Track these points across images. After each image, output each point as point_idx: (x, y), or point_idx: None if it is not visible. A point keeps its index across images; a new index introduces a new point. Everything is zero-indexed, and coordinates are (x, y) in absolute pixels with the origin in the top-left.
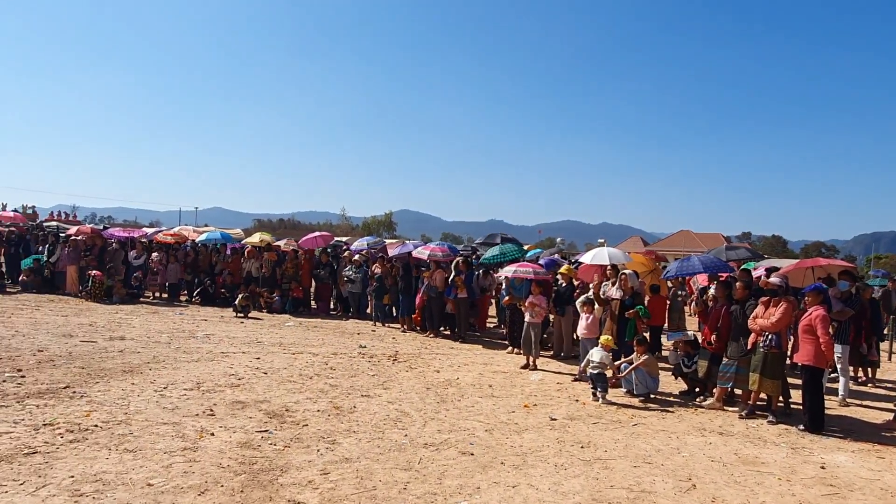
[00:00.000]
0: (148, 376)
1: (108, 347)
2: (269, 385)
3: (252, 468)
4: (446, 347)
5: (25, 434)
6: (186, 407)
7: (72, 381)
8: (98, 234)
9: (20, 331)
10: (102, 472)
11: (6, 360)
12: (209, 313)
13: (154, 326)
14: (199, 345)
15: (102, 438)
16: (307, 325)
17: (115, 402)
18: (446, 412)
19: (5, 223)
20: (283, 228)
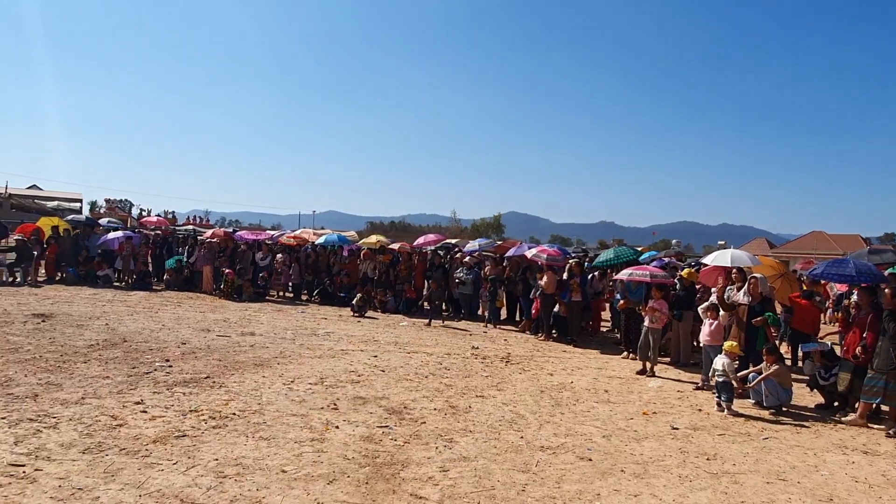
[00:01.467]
0: (276, 370)
1: (240, 342)
2: (387, 382)
3: (375, 461)
4: (559, 351)
5: (175, 419)
6: (312, 400)
7: (211, 372)
8: (230, 237)
9: (166, 325)
10: (242, 457)
11: (156, 350)
12: (328, 312)
13: (279, 324)
14: (320, 342)
15: (240, 426)
16: (420, 326)
17: (249, 393)
18: (562, 416)
19: (150, 227)
20: (395, 231)
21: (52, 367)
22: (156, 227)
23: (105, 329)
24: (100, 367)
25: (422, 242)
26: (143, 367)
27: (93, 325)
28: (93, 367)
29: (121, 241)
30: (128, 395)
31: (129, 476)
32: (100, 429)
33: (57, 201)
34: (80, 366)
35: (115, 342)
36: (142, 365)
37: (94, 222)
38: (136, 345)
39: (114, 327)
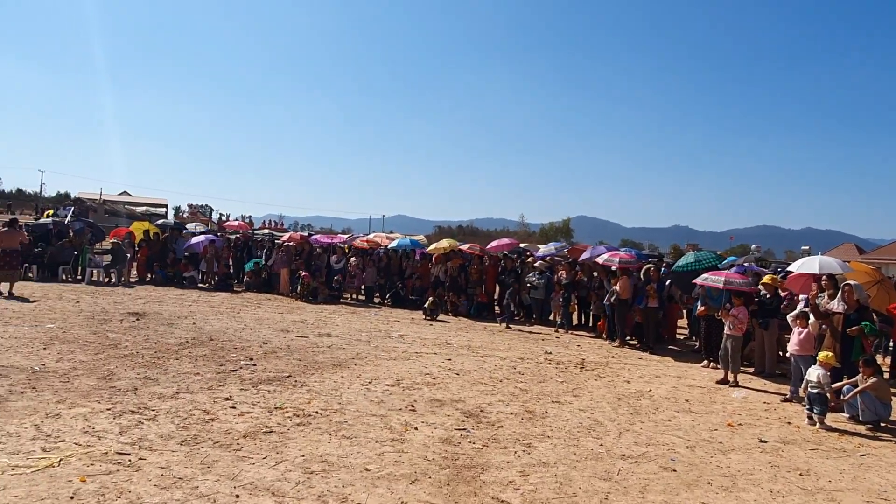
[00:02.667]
0: (354, 371)
1: (318, 343)
2: (462, 386)
3: (455, 463)
4: (634, 358)
5: (262, 415)
6: (390, 401)
7: (293, 372)
8: (306, 241)
9: (248, 325)
10: (327, 454)
11: (241, 349)
12: (400, 315)
13: (354, 325)
14: (394, 344)
15: (323, 424)
16: (492, 330)
17: (330, 393)
18: (641, 424)
19: (231, 231)
20: (462, 235)
21: (148, 363)
22: (236, 231)
23: (193, 328)
24: (190, 364)
25: (495, 246)
26: (230, 365)
27: (182, 324)
28: (184, 363)
29: (204, 244)
30: (217, 391)
31: (224, 468)
32: (194, 422)
33: (145, 206)
34: (173, 362)
35: (202, 340)
36: (228, 363)
37: (181, 226)
38: (222, 343)
39: (201, 326)
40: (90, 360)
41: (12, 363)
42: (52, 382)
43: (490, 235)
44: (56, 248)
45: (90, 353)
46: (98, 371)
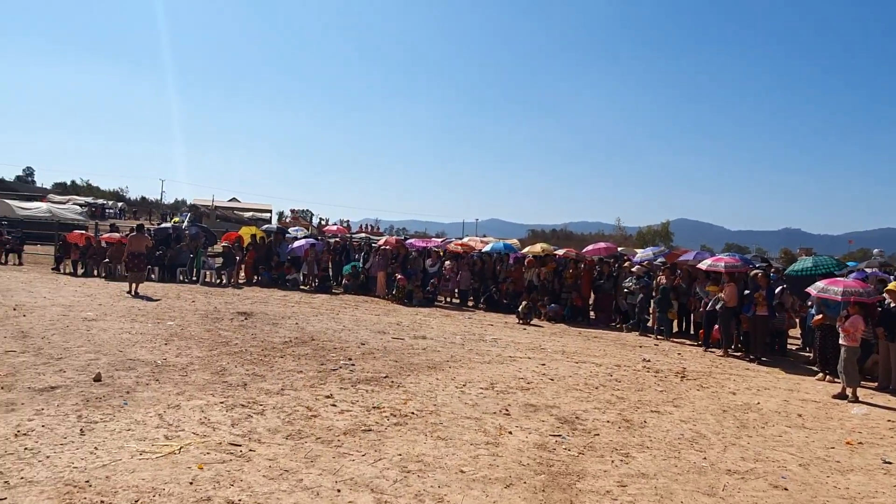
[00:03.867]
0: (448, 373)
1: (413, 345)
2: (556, 391)
3: (550, 470)
4: (741, 368)
5: (361, 414)
6: (485, 404)
7: (389, 372)
8: (402, 245)
9: (346, 326)
10: (423, 455)
11: (340, 350)
12: (494, 318)
13: (448, 328)
14: (488, 348)
15: (419, 425)
16: (587, 336)
17: (425, 394)
18: (748, 439)
19: (330, 235)
20: (556, 239)
21: (255, 360)
22: (335, 235)
23: (296, 328)
24: (294, 363)
25: (591, 250)
26: (330, 364)
27: (286, 324)
28: (288, 361)
29: (306, 248)
30: (319, 388)
31: (326, 463)
32: (298, 418)
33: (252, 212)
34: (278, 360)
35: (304, 340)
36: (328, 362)
37: (284, 231)
38: (323, 343)
39: (303, 326)
40: (205, 356)
41: (139, 357)
42: (172, 375)
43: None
44: (175, 251)
45: (205, 349)
46: (212, 366)
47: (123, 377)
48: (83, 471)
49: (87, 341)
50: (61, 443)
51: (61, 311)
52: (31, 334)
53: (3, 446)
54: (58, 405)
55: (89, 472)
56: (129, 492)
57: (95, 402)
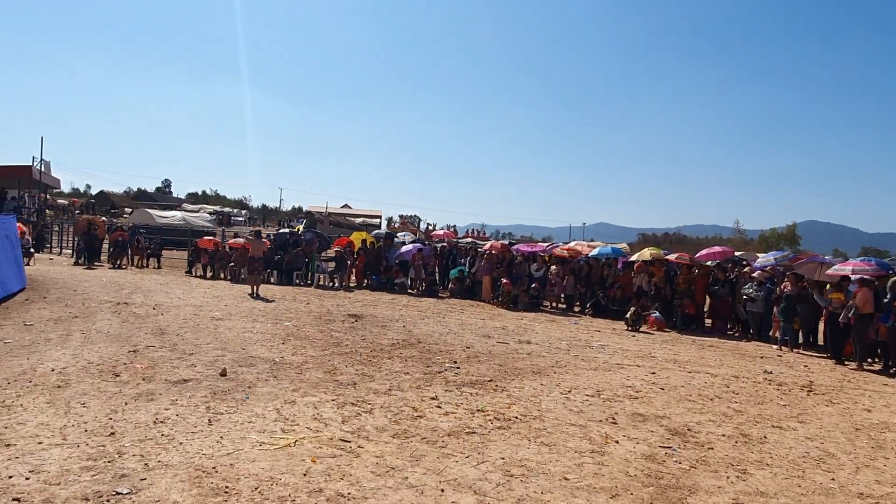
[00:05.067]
0: (553, 379)
1: (518, 349)
2: (667, 401)
3: (659, 482)
4: (878, 383)
5: (465, 416)
6: (590, 412)
7: (494, 376)
8: (507, 249)
9: (452, 329)
10: (526, 459)
11: (445, 353)
12: (601, 324)
13: (554, 334)
14: (594, 354)
15: (522, 429)
16: (701, 344)
17: (529, 399)
18: (885, 461)
19: (437, 240)
20: (669, 243)
21: (365, 361)
22: (441, 240)
23: (403, 330)
24: (401, 364)
25: (705, 255)
26: (436, 367)
27: (393, 327)
28: (395, 363)
29: (413, 252)
30: (425, 390)
31: (430, 463)
32: (404, 417)
33: (362, 217)
34: (386, 361)
35: (411, 342)
36: (434, 364)
37: (393, 236)
38: (429, 346)
39: (410, 329)
40: (318, 356)
41: (259, 355)
42: (288, 373)
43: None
44: (292, 256)
45: (318, 349)
46: (324, 365)
47: (245, 373)
48: (210, 458)
49: (214, 339)
50: (192, 431)
51: (193, 311)
52: (167, 331)
53: (144, 432)
54: (189, 397)
55: (215, 459)
56: (250, 479)
57: (221, 395)
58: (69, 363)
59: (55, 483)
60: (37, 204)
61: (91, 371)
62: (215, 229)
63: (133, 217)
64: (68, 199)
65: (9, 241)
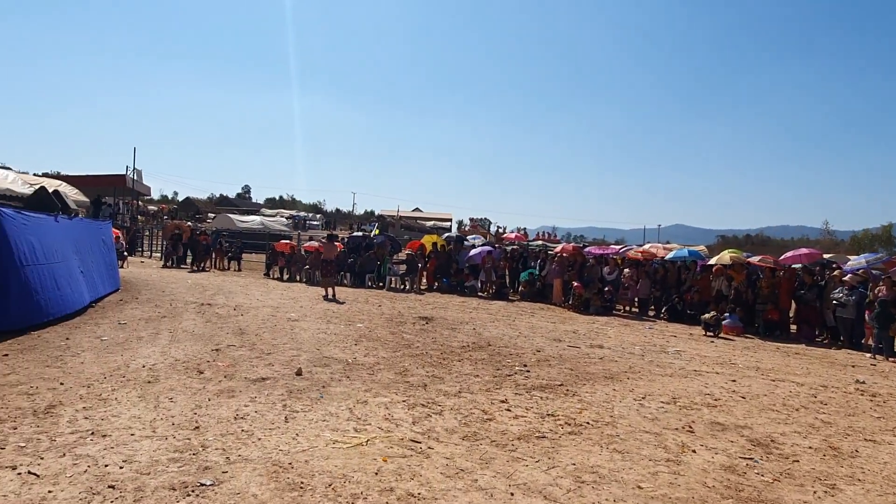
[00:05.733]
0: (626, 384)
1: (589, 354)
2: (748, 410)
3: (739, 495)
4: None
5: (535, 420)
6: (665, 419)
7: (564, 381)
8: (579, 251)
9: (522, 333)
10: (598, 466)
11: (515, 356)
12: (677, 329)
13: (627, 338)
14: (670, 360)
15: (594, 435)
16: (786, 351)
17: (601, 404)
18: None
19: (507, 242)
20: (751, 245)
21: (435, 363)
22: (512, 243)
23: (473, 333)
24: (471, 367)
25: (790, 257)
26: (506, 370)
27: (463, 329)
28: (465, 365)
29: (483, 255)
30: (494, 393)
31: (500, 466)
32: (474, 420)
33: (433, 221)
34: (456, 363)
35: (481, 345)
36: (504, 368)
37: (463, 239)
38: (499, 349)
39: (480, 332)
40: (389, 357)
41: (333, 355)
42: (361, 373)
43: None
44: (364, 259)
45: (389, 350)
46: (396, 367)
47: (320, 373)
48: (287, 454)
49: (290, 339)
50: (270, 427)
51: (270, 312)
52: (247, 331)
53: (225, 427)
54: (267, 394)
55: (291, 455)
56: (324, 476)
57: (297, 394)
58: (158, 360)
59: (145, 473)
60: (130, 210)
61: (178, 368)
62: (291, 233)
63: (215, 222)
64: (157, 206)
65: (105, 245)
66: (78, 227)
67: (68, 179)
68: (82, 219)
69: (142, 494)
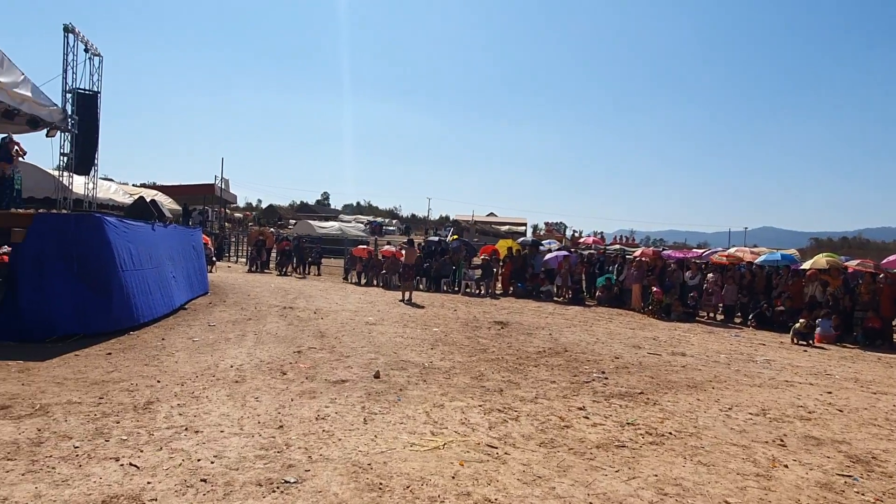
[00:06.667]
0: (711, 394)
1: (671, 361)
2: (846, 424)
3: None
4: None
5: (614, 428)
6: (754, 432)
7: (644, 389)
8: (658, 255)
9: (599, 338)
10: (681, 478)
11: (593, 362)
12: (766, 338)
13: (711, 346)
14: (759, 369)
15: (677, 446)
16: (888, 362)
17: (684, 414)
18: None
19: (584, 247)
20: (848, 248)
21: (511, 368)
22: (588, 246)
23: (549, 338)
24: (547, 372)
25: (893, 261)
26: (583, 377)
27: (539, 334)
28: (541, 371)
29: (560, 260)
30: (571, 399)
31: (578, 474)
32: (551, 427)
33: (508, 225)
34: (532, 369)
35: (557, 351)
36: (581, 374)
37: (538, 243)
38: (576, 355)
39: (556, 337)
40: (465, 361)
41: (410, 359)
42: (437, 377)
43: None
44: (440, 263)
45: (465, 354)
46: (471, 371)
47: (397, 376)
48: (366, 455)
49: (368, 342)
50: (349, 428)
51: (349, 316)
52: (327, 334)
53: (307, 426)
54: (347, 396)
55: (370, 456)
56: (402, 478)
57: (375, 396)
58: (245, 361)
59: (234, 468)
60: (218, 217)
61: (262, 368)
62: (368, 238)
63: (296, 228)
64: (242, 213)
65: (195, 251)
66: (171, 234)
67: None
68: (176, 226)
69: (231, 489)
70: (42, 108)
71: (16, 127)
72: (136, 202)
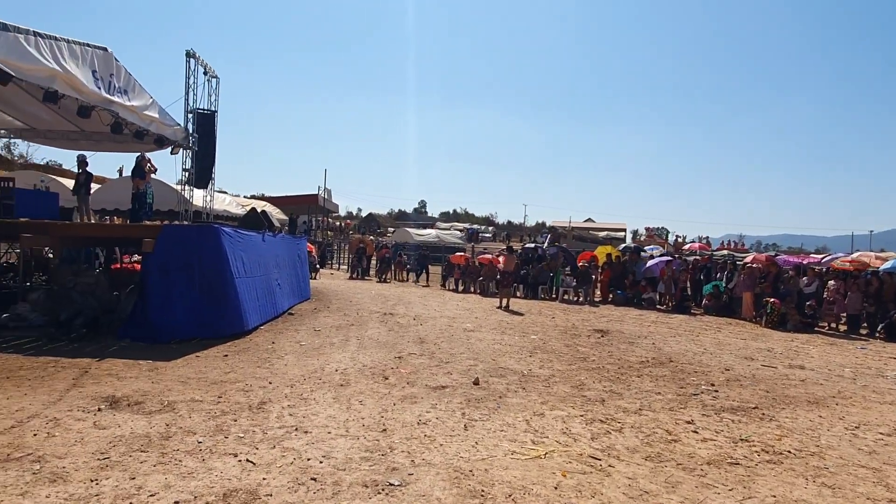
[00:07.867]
0: (835, 411)
1: (788, 375)
2: None
3: None
4: None
5: (726, 444)
6: (886, 453)
7: (759, 403)
8: (772, 262)
9: (707, 349)
10: (802, 500)
11: (701, 374)
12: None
13: (834, 359)
14: (889, 385)
15: (797, 466)
16: None
17: (804, 432)
18: None
19: (687, 253)
20: None
21: (612, 378)
22: (693, 252)
23: (652, 348)
24: (651, 383)
25: None
26: (690, 389)
27: (642, 343)
28: (645, 381)
29: (662, 266)
30: (678, 412)
31: (688, 491)
32: (657, 440)
33: (606, 231)
34: (635, 379)
35: (661, 361)
36: (688, 386)
37: (640, 249)
38: (682, 366)
39: (660, 347)
40: (564, 370)
41: (508, 366)
42: (536, 385)
43: None
44: (537, 270)
45: (564, 363)
46: (571, 380)
47: (496, 383)
48: (467, 461)
49: (467, 349)
50: (450, 434)
51: (447, 322)
52: (426, 340)
53: (410, 431)
54: (447, 402)
55: (472, 462)
56: (504, 486)
57: (475, 403)
58: (348, 365)
59: (341, 469)
60: (321, 226)
61: (365, 373)
62: (465, 245)
63: (395, 236)
64: (343, 221)
65: (300, 259)
66: (278, 242)
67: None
68: (284, 235)
69: (339, 488)
70: (167, 129)
71: (144, 146)
72: (248, 213)
